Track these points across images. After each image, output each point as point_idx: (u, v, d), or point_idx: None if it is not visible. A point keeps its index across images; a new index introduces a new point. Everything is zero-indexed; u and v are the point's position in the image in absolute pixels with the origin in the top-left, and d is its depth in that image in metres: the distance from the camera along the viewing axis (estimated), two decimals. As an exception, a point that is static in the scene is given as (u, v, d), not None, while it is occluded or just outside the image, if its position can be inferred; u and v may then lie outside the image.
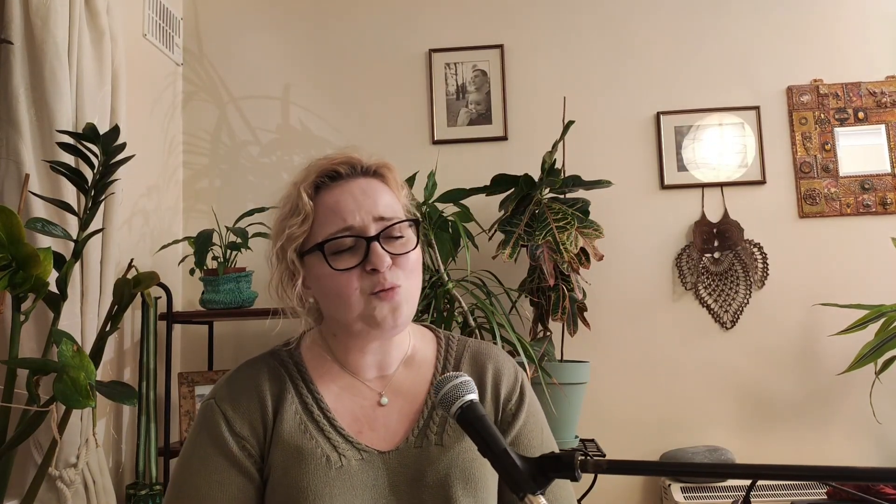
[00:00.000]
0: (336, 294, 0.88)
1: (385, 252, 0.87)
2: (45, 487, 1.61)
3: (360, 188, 0.91)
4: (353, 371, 0.96)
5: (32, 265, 1.31)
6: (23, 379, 1.39)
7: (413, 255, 0.90)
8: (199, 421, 0.92)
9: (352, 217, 0.88)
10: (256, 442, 0.89)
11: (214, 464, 0.87)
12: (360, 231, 0.87)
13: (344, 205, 0.89)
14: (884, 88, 2.47)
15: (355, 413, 0.93)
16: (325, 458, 0.87)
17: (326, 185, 0.92)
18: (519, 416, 0.97)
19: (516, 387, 0.99)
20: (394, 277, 0.87)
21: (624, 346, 2.42)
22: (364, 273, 0.87)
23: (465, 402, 0.79)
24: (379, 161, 0.95)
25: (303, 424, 0.90)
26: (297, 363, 0.96)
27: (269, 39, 2.62)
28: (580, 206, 2.18)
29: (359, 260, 0.87)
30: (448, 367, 0.99)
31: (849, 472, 0.69)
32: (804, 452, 2.32)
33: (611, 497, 2.33)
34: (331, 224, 0.88)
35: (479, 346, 1.03)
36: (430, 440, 0.91)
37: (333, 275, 0.87)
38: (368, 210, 0.88)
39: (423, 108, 2.57)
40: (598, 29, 2.58)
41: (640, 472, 0.82)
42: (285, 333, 1.02)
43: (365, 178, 0.92)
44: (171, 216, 2.48)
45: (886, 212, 2.41)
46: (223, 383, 0.94)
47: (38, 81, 1.68)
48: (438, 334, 1.04)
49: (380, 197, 0.90)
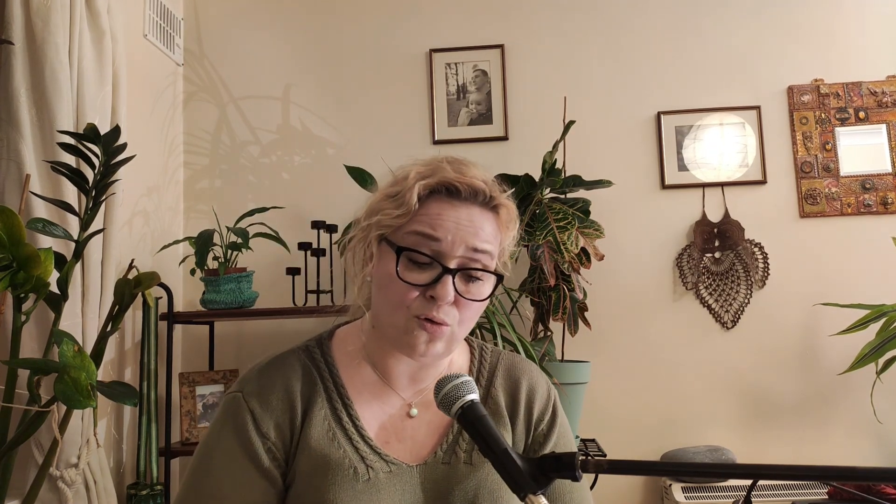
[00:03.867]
0: (390, 297, 0.85)
1: (453, 289, 0.83)
2: (46, 487, 1.61)
3: (469, 216, 0.85)
4: (386, 376, 0.92)
5: (33, 265, 1.31)
6: (24, 379, 1.39)
7: (477, 305, 0.86)
8: (224, 413, 0.88)
9: (444, 236, 0.83)
10: (282, 444, 0.86)
11: (238, 463, 0.84)
12: (444, 255, 0.83)
13: (445, 221, 0.84)
14: (884, 88, 2.46)
15: (383, 422, 0.90)
16: (353, 469, 0.84)
17: (441, 194, 0.86)
18: (550, 438, 0.95)
19: (549, 406, 0.97)
20: (447, 316, 0.84)
21: (625, 346, 2.42)
22: (423, 296, 0.83)
23: (466, 403, 0.79)
24: (501, 198, 0.89)
25: (331, 431, 0.87)
26: (328, 364, 0.92)
27: (270, 39, 2.62)
28: (581, 205, 2.18)
29: (426, 281, 0.83)
30: (481, 380, 0.96)
31: (849, 472, 0.69)
32: (805, 452, 2.32)
33: (612, 497, 2.33)
34: (423, 231, 0.84)
35: (512, 360, 1.00)
36: (460, 457, 0.89)
37: (396, 280, 0.83)
38: (464, 238, 0.84)
39: (424, 108, 2.57)
40: (599, 29, 2.58)
41: (640, 472, 0.82)
42: (286, 333, 1.02)
43: (480, 208, 0.87)
44: (172, 216, 2.48)
45: (887, 211, 2.40)
46: (253, 377, 0.90)
47: (39, 81, 1.68)
48: (472, 344, 1.01)
49: (483, 230, 0.86)
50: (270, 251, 2.33)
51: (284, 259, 2.36)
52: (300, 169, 2.54)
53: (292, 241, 2.31)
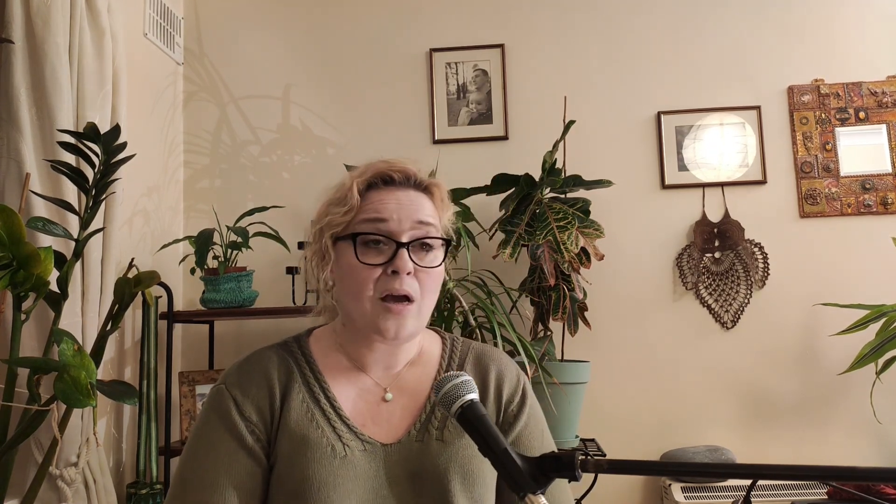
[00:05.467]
0: (353, 284, 0.91)
1: (410, 259, 0.90)
2: (46, 486, 1.61)
3: (408, 196, 0.94)
4: (360, 366, 0.97)
5: (33, 264, 1.31)
6: (23, 378, 1.39)
7: (435, 272, 0.93)
8: (208, 405, 0.93)
9: (390, 216, 0.91)
10: (264, 427, 0.90)
11: (224, 446, 0.89)
12: (395, 233, 0.90)
13: (387, 204, 0.92)
14: (885, 88, 2.46)
15: (359, 406, 0.94)
16: (331, 447, 0.89)
17: (378, 185, 0.95)
18: (520, 419, 0.98)
19: (518, 389, 1.01)
20: (410, 287, 0.89)
21: (624, 346, 2.42)
22: (384, 274, 0.90)
23: (466, 402, 0.80)
24: (432, 180, 0.98)
25: (309, 413, 0.91)
26: (305, 354, 0.98)
27: (270, 39, 2.62)
28: (581, 205, 2.18)
29: (385, 259, 0.90)
30: (452, 366, 1.01)
31: (849, 472, 0.69)
32: (805, 452, 2.32)
33: (611, 497, 2.33)
34: (370, 217, 0.91)
35: (482, 349, 1.05)
36: (431, 435, 0.93)
37: (357, 266, 0.90)
38: (409, 215, 0.92)
39: (424, 107, 2.57)
40: (599, 28, 2.58)
41: (640, 471, 0.82)
42: (285, 332, 1.03)
43: (415, 190, 0.96)
44: (172, 216, 2.48)
45: (887, 212, 2.40)
46: (233, 370, 0.96)
47: (39, 81, 1.68)
48: (444, 336, 1.07)
49: (423, 207, 0.94)
50: (270, 250, 2.33)
51: (284, 258, 2.37)
52: (300, 168, 2.54)
53: (292, 241, 2.31)
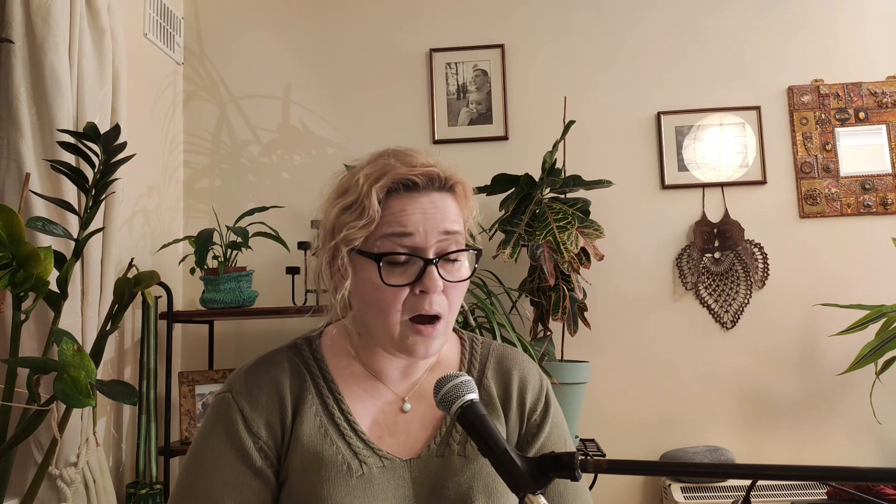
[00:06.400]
0: (378, 307, 0.85)
1: (440, 277, 0.84)
2: (46, 486, 1.61)
3: (432, 202, 0.86)
4: (377, 374, 0.92)
5: (33, 264, 1.31)
6: (23, 378, 1.39)
7: (462, 286, 0.87)
8: (213, 414, 0.87)
9: (416, 229, 0.83)
10: (273, 443, 0.85)
11: (230, 463, 0.84)
12: (421, 249, 0.83)
13: (411, 216, 0.84)
14: (884, 88, 2.46)
15: (376, 417, 0.90)
16: (346, 465, 0.84)
17: (399, 190, 0.85)
18: (544, 428, 0.95)
19: (541, 396, 0.97)
20: (440, 306, 0.84)
21: (624, 346, 2.42)
22: (412, 294, 0.84)
23: (466, 402, 0.79)
24: (455, 176, 0.90)
25: (323, 428, 0.86)
26: (318, 360, 0.92)
27: (270, 39, 2.62)
28: (581, 205, 2.18)
29: (411, 279, 0.83)
30: (473, 372, 0.96)
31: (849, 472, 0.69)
32: (804, 452, 2.32)
33: (611, 497, 2.33)
34: (393, 232, 0.83)
35: (503, 352, 1.00)
36: (453, 450, 0.89)
37: (382, 287, 0.83)
38: (434, 225, 0.84)
39: (424, 107, 2.57)
40: (599, 29, 2.58)
41: (640, 472, 0.82)
42: (285, 332, 1.02)
43: (437, 192, 0.87)
44: (172, 215, 2.48)
45: (887, 212, 2.40)
46: (241, 377, 0.90)
47: (39, 80, 1.68)
48: (462, 336, 1.01)
49: (448, 212, 0.86)
50: (270, 250, 2.33)
51: (284, 258, 2.36)
52: (300, 168, 2.54)
53: (292, 241, 2.31)
